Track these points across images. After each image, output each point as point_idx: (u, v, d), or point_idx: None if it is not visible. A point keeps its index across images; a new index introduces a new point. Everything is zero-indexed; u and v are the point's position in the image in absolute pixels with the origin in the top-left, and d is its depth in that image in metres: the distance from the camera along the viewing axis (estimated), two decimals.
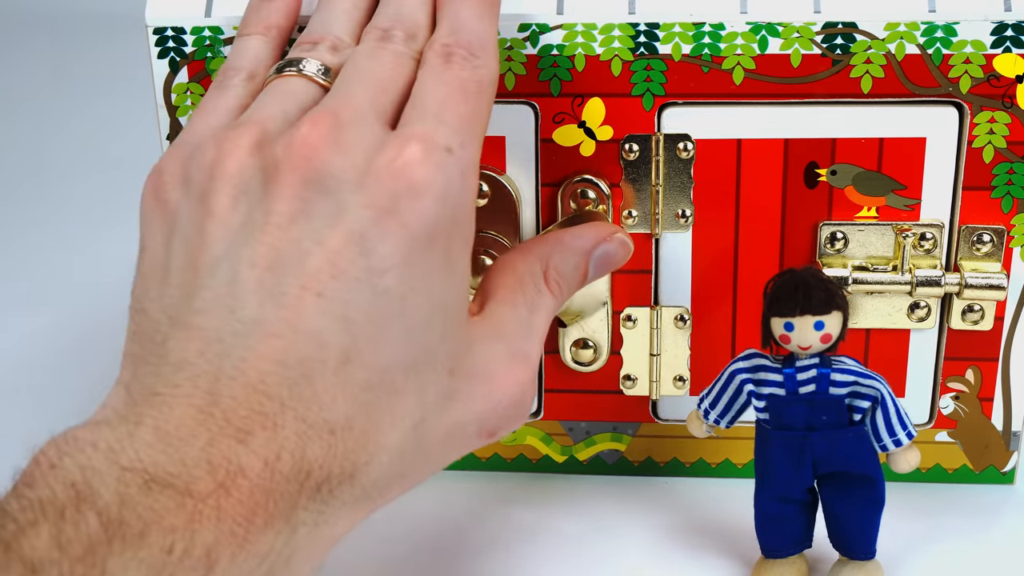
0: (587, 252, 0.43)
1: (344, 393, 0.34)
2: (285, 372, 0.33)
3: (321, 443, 0.33)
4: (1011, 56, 0.48)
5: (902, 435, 0.45)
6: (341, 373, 0.34)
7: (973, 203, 0.50)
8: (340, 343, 0.34)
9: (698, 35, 0.48)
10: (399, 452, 0.35)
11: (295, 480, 0.33)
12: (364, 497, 0.35)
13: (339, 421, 0.34)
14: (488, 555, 0.51)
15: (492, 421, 0.38)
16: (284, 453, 0.33)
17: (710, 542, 0.51)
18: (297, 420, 0.33)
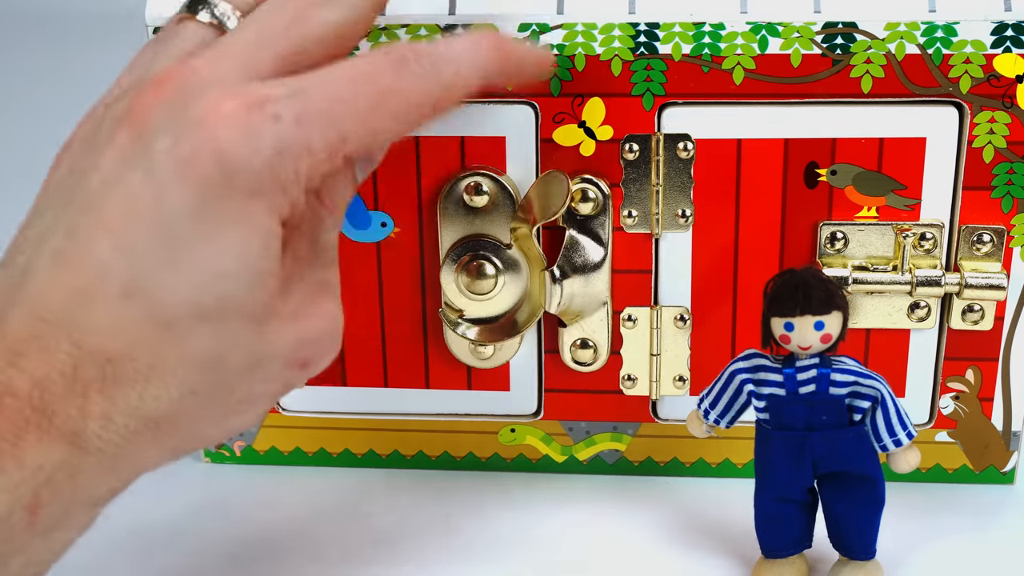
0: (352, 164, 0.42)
1: (123, 327, 0.35)
2: (66, 299, 0.35)
3: (97, 369, 0.34)
4: (1011, 56, 0.48)
5: (902, 435, 0.45)
6: (123, 306, 0.35)
7: (973, 203, 0.50)
8: (123, 277, 0.35)
9: (698, 35, 0.48)
10: (191, 388, 0.36)
11: (71, 402, 0.34)
12: (157, 430, 0.36)
13: (117, 352, 0.35)
14: (488, 555, 0.51)
15: (303, 353, 0.39)
16: (55, 374, 0.34)
17: (710, 542, 0.51)
18: (72, 345, 0.34)
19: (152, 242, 0.35)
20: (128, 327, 0.35)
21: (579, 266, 0.51)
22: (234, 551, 0.52)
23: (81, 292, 0.35)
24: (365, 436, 0.57)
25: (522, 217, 0.50)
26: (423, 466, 0.57)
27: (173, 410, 0.36)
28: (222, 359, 0.36)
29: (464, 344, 0.53)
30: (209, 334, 0.36)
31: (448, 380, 0.55)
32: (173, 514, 0.55)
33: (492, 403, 0.56)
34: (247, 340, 0.37)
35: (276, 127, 0.36)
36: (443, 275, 0.52)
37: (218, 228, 0.36)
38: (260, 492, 0.56)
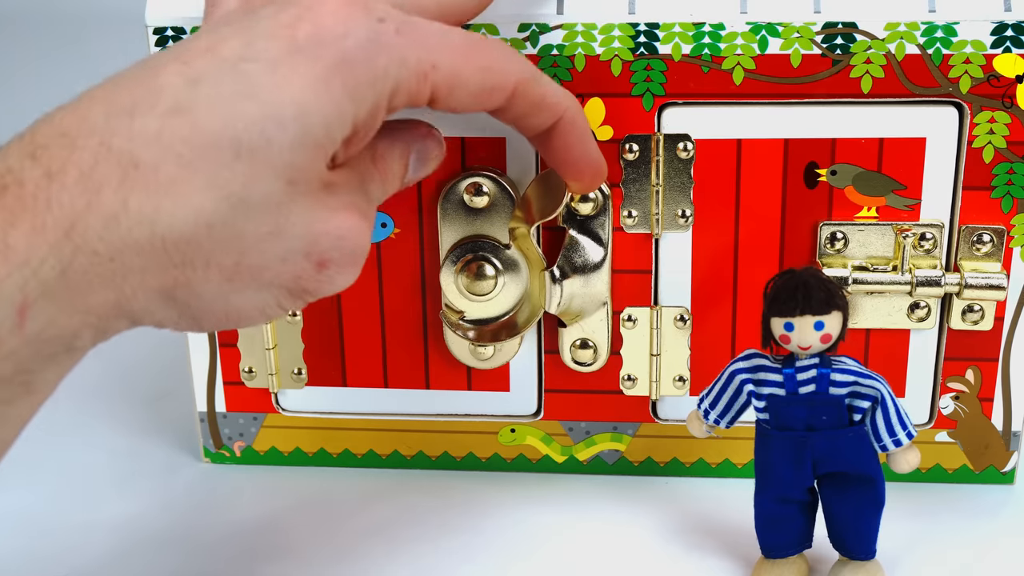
0: (409, 144, 0.44)
1: (161, 138, 0.34)
2: (109, 105, 0.35)
3: (119, 170, 0.34)
4: (1011, 56, 0.48)
5: (902, 435, 0.45)
6: (166, 121, 0.35)
7: (973, 203, 0.50)
8: (176, 96, 0.35)
9: (698, 35, 0.48)
10: (206, 219, 0.35)
11: (79, 196, 0.33)
12: (162, 252, 0.35)
13: (146, 159, 0.34)
14: (488, 555, 0.51)
15: (323, 245, 0.38)
16: (71, 167, 0.33)
17: (710, 542, 0.51)
18: (100, 145, 0.34)
19: (218, 76, 0.35)
20: (164, 140, 0.34)
21: (579, 266, 0.51)
22: (234, 551, 0.52)
23: (129, 104, 0.35)
24: (365, 436, 0.57)
25: (520, 217, 0.50)
26: (423, 466, 0.57)
27: (183, 234, 0.35)
28: (244, 202, 0.36)
29: (464, 345, 0.53)
30: (241, 172, 0.35)
31: (448, 380, 0.55)
32: (173, 514, 0.55)
33: (492, 403, 0.56)
34: (275, 197, 0.36)
35: (378, 25, 0.38)
36: (443, 276, 0.52)
37: (288, 80, 0.36)
38: (260, 492, 0.56)
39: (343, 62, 0.37)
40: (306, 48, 0.36)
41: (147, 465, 0.59)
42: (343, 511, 0.54)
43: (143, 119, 0.35)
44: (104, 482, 0.57)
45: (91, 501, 0.56)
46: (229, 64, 0.36)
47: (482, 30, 0.49)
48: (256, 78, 0.36)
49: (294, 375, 0.56)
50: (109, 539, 0.53)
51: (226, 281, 0.37)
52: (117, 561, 0.51)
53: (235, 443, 0.58)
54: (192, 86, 0.35)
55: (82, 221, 0.33)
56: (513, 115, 0.43)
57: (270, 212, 0.36)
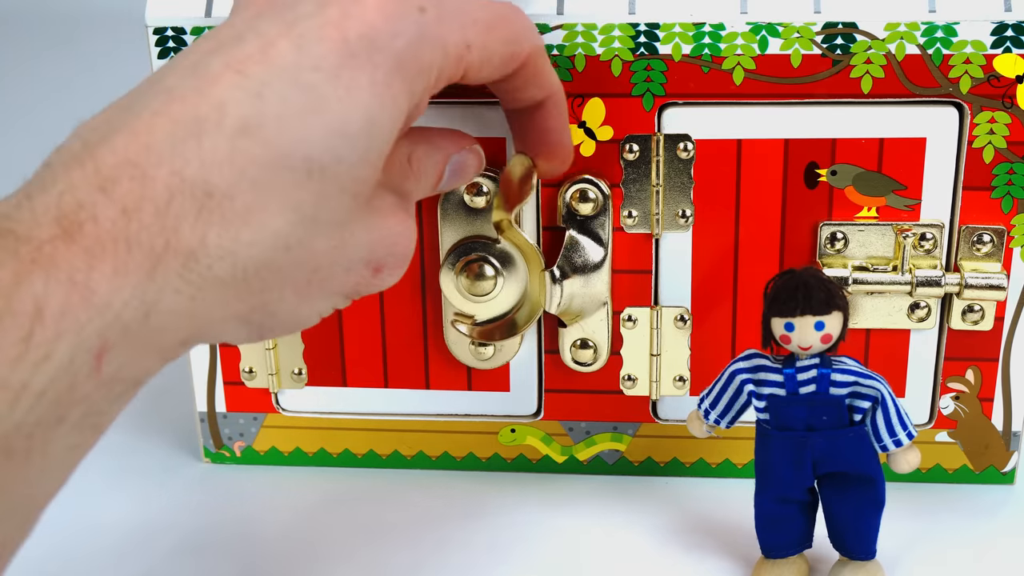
0: (447, 153, 0.44)
1: (233, 162, 0.33)
2: (175, 129, 0.33)
3: (194, 202, 0.33)
4: (1011, 56, 0.48)
5: (902, 435, 0.45)
6: (236, 142, 0.33)
7: (973, 203, 0.50)
8: (243, 114, 0.34)
9: (698, 35, 0.48)
10: (284, 242, 0.35)
11: (159, 235, 0.32)
12: (242, 280, 0.34)
13: (220, 187, 0.33)
14: (488, 555, 0.51)
15: (379, 252, 0.39)
16: (147, 203, 0.32)
17: (710, 542, 0.51)
18: (172, 175, 0.33)
19: (282, 88, 0.34)
20: (237, 163, 0.33)
21: (579, 266, 0.51)
22: (234, 551, 0.52)
23: (193, 123, 0.33)
24: (365, 436, 0.57)
25: (499, 207, 0.49)
26: (423, 466, 0.57)
27: (263, 261, 0.34)
28: (317, 221, 0.35)
29: (464, 345, 0.53)
30: (313, 191, 0.35)
31: (448, 381, 0.55)
32: (173, 514, 0.55)
33: (492, 403, 0.56)
34: (341, 211, 0.36)
35: (421, 17, 0.37)
36: (443, 276, 0.52)
37: (352, 91, 0.35)
38: (260, 492, 0.56)
39: (398, 65, 0.36)
40: (360, 52, 0.36)
41: (147, 465, 0.59)
42: (343, 511, 0.54)
43: (212, 141, 0.33)
44: (104, 482, 0.57)
45: (91, 501, 0.55)
46: (289, 74, 0.35)
47: None
48: (321, 90, 0.35)
49: (294, 375, 0.56)
50: (109, 539, 0.53)
51: (299, 297, 0.37)
52: (117, 561, 0.51)
53: (235, 443, 0.58)
54: (257, 100, 0.34)
55: (163, 262, 0.32)
56: (514, 84, 0.43)
57: (338, 227, 0.36)
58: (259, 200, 0.34)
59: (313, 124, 0.35)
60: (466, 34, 0.39)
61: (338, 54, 0.35)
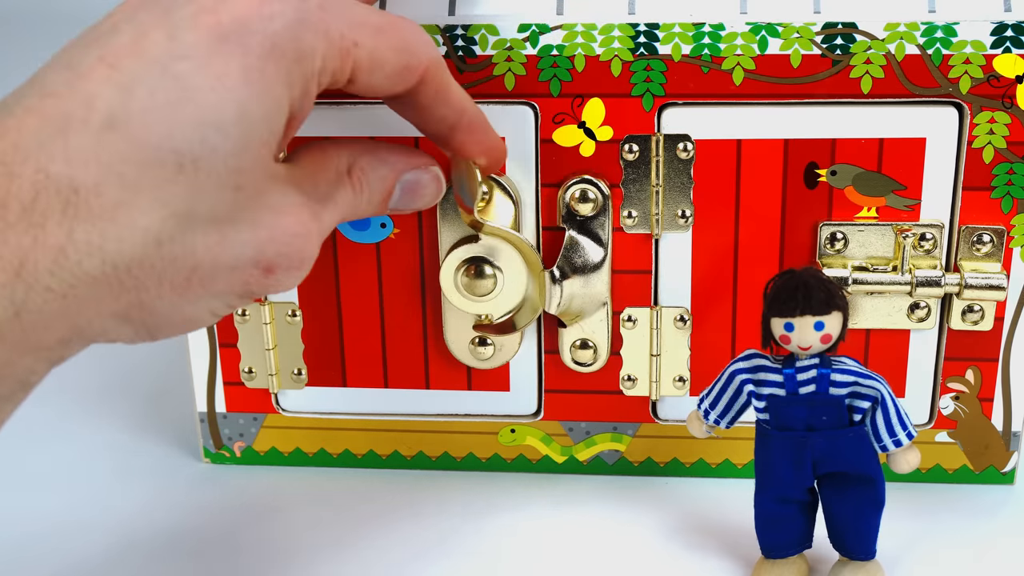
0: (398, 171, 0.43)
1: (99, 157, 0.33)
2: (42, 125, 0.33)
3: (60, 199, 0.33)
4: (1011, 56, 0.48)
5: (902, 435, 0.45)
6: (102, 138, 0.33)
7: (973, 203, 0.50)
8: (109, 108, 0.33)
9: (698, 35, 0.48)
10: (155, 238, 0.34)
11: (25, 232, 0.32)
12: (116, 280, 0.34)
13: (86, 183, 0.33)
14: (488, 555, 0.51)
15: (270, 252, 0.37)
16: (12, 201, 0.32)
17: (710, 542, 0.51)
18: (37, 171, 0.33)
19: (151, 79, 0.34)
20: (103, 159, 0.33)
21: (579, 266, 0.51)
22: (234, 551, 0.52)
23: (61, 119, 0.33)
24: (365, 436, 0.57)
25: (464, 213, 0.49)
26: (423, 466, 0.57)
27: (134, 258, 0.34)
28: (191, 216, 0.35)
29: (464, 345, 0.53)
30: (185, 184, 0.34)
31: (448, 380, 0.55)
32: (173, 514, 0.55)
33: (492, 403, 0.56)
34: (219, 205, 0.35)
35: (302, 4, 0.36)
36: (443, 276, 0.52)
37: (224, 79, 0.35)
38: (260, 492, 0.56)
39: (273, 48, 0.35)
40: (232, 36, 0.35)
41: (147, 465, 0.59)
42: (343, 512, 0.54)
43: (78, 137, 0.33)
44: (104, 482, 0.57)
45: (91, 501, 0.55)
46: (160, 65, 0.34)
47: (482, 31, 0.49)
48: (189, 79, 0.34)
49: (294, 375, 0.56)
50: (109, 539, 0.53)
51: (179, 295, 0.36)
52: (117, 561, 0.51)
53: (235, 443, 0.58)
54: (125, 94, 0.34)
55: (31, 259, 0.32)
56: (420, 103, 0.42)
57: (218, 222, 0.36)
58: (126, 195, 0.33)
59: (182, 116, 0.34)
60: (354, 31, 0.38)
61: (209, 41, 0.35)
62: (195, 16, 0.35)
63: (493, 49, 0.49)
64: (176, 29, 0.35)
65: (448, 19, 0.49)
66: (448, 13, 0.49)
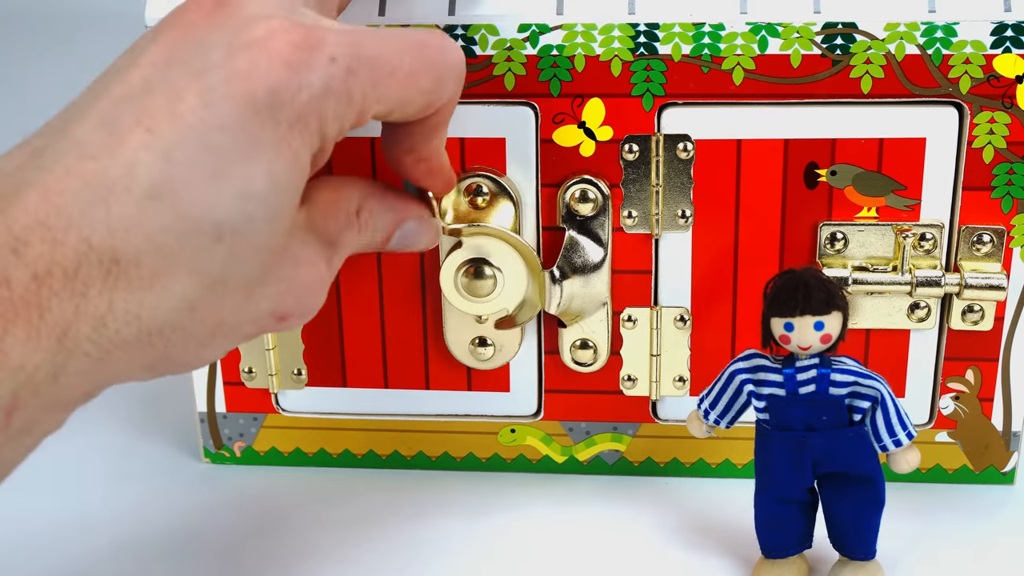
0: (400, 217, 0.44)
1: (141, 228, 0.34)
2: (85, 191, 0.33)
3: (101, 268, 0.33)
4: (1011, 56, 0.48)
5: (902, 435, 0.45)
6: (144, 208, 0.34)
7: (973, 203, 0.50)
8: (152, 178, 0.34)
9: (698, 35, 0.48)
10: (189, 304, 0.35)
11: (68, 300, 0.33)
12: (147, 341, 0.35)
13: (127, 254, 0.34)
14: (488, 555, 0.51)
15: (288, 303, 0.39)
16: (56, 269, 0.33)
17: (710, 542, 0.51)
18: (80, 240, 0.33)
19: (191, 148, 0.34)
20: (144, 229, 0.34)
21: (579, 266, 0.51)
22: (234, 551, 0.52)
23: (103, 185, 0.34)
24: (365, 436, 0.57)
25: None
26: (423, 466, 0.57)
27: (168, 322, 0.35)
28: (225, 282, 0.36)
29: (464, 345, 0.53)
30: (223, 253, 0.35)
31: (448, 381, 0.55)
32: (173, 514, 0.55)
33: (492, 404, 0.56)
34: (252, 269, 0.37)
35: (330, 69, 0.37)
36: (442, 277, 0.52)
37: (256, 149, 0.35)
38: (260, 492, 0.56)
39: (299, 119, 0.36)
40: (264, 109, 0.35)
41: (147, 465, 0.59)
42: (343, 512, 0.54)
43: (120, 207, 0.34)
44: (104, 482, 0.57)
45: (90, 501, 0.56)
46: (198, 134, 0.35)
47: (482, 31, 0.49)
48: (227, 151, 0.35)
49: (294, 375, 0.56)
50: (108, 539, 0.53)
51: (202, 347, 0.37)
52: (116, 561, 0.51)
53: (235, 443, 0.58)
54: (166, 164, 0.34)
55: (73, 327, 0.33)
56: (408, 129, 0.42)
57: (246, 285, 0.37)
58: (165, 265, 0.34)
59: (222, 188, 0.35)
60: (379, 90, 0.38)
61: (244, 112, 0.35)
62: (229, 82, 0.35)
63: (493, 49, 0.49)
64: (211, 94, 0.35)
65: (448, 19, 0.49)
66: (448, 13, 0.49)
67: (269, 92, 0.35)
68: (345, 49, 0.37)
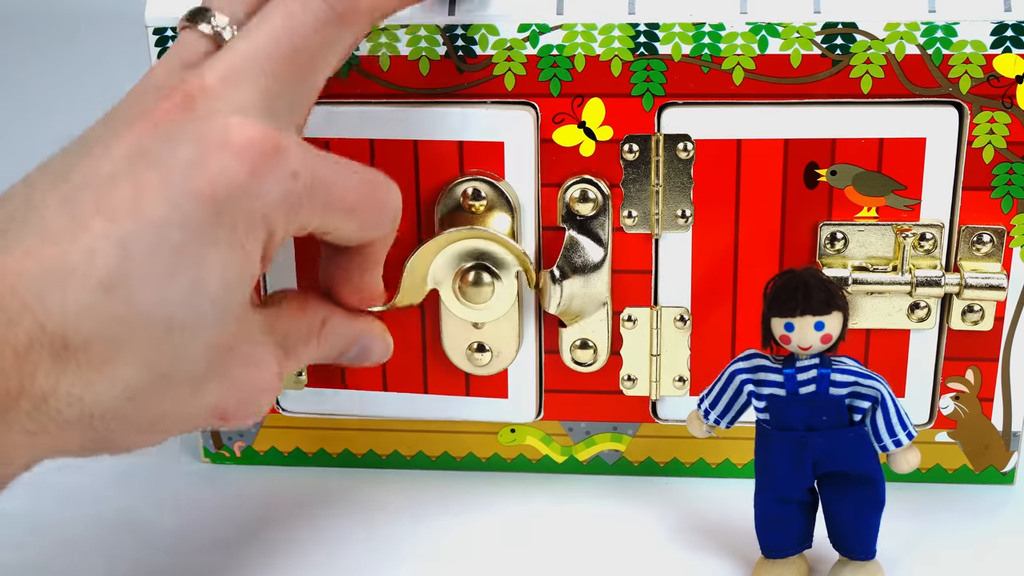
0: (359, 333, 0.46)
1: (93, 317, 0.34)
2: (42, 273, 0.34)
3: (51, 352, 0.34)
4: (1011, 56, 0.48)
5: (902, 435, 0.45)
6: (99, 297, 0.34)
7: (973, 203, 0.50)
8: (108, 267, 0.35)
9: (698, 35, 0.48)
10: (133, 393, 0.36)
11: (15, 378, 0.34)
12: (88, 423, 0.36)
13: (77, 339, 0.34)
14: (488, 555, 0.51)
15: (230, 401, 0.40)
16: (7, 349, 0.33)
17: (710, 542, 0.51)
18: (34, 323, 0.34)
19: (150, 243, 0.35)
20: (97, 318, 0.34)
21: (579, 266, 0.51)
22: (234, 551, 0.52)
23: (60, 271, 0.34)
24: (365, 436, 0.57)
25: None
26: (423, 466, 0.57)
27: (110, 409, 0.36)
28: (170, 375, 0.37)
29: (462, 350, 0.53)
30: (171, 347, 0.36)
31: (446, 386, 0.55)
32: (172, 514, 0.55)
33: (491, 410, 0.55)
34: (197, 366, 0.37)
35: (290, 183, 0.38)
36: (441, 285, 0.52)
37: (211, 248, 0.36)
38: (260, 492, 0.56)
39: (255, 225, 0.37)
40: (226, 212, 0.37)
41: (146, 465, 0.59)
42: (343, 512, 0.54)
43: (76, 293, 0.34)
44: (103, 482, 0.57)
45: (90, 501, 0.55)
46: (156, 230, 0.35)
47: (482, 30, 0.49)
48: (184, 249, 0.36)
49: (295, 376, 0.56)
50: (108, 539, 0.53)
51: (140, 435, 0.38)
52: (116, 561, 0.51)
53: (235, 443, 0.58)
54: (123, 256, 0.35)
55: (15, 406, 0.34)
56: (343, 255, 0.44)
57: (190, 380, 0.37)
58: (113, 353, 0.35)
59: (176, 284, 0.36)
60: (325, 211, 0.40)
61: (205, 214, 0.36)
62: (194, 181, 0.36)
63: (493, 49, 0.49)
64: (174, 191, 0.36)
65: (448, 19, 0.49)
66: (448, 13, 0.49)
67: (230, 196, 0.37)
68: (306, 167, 0.39)
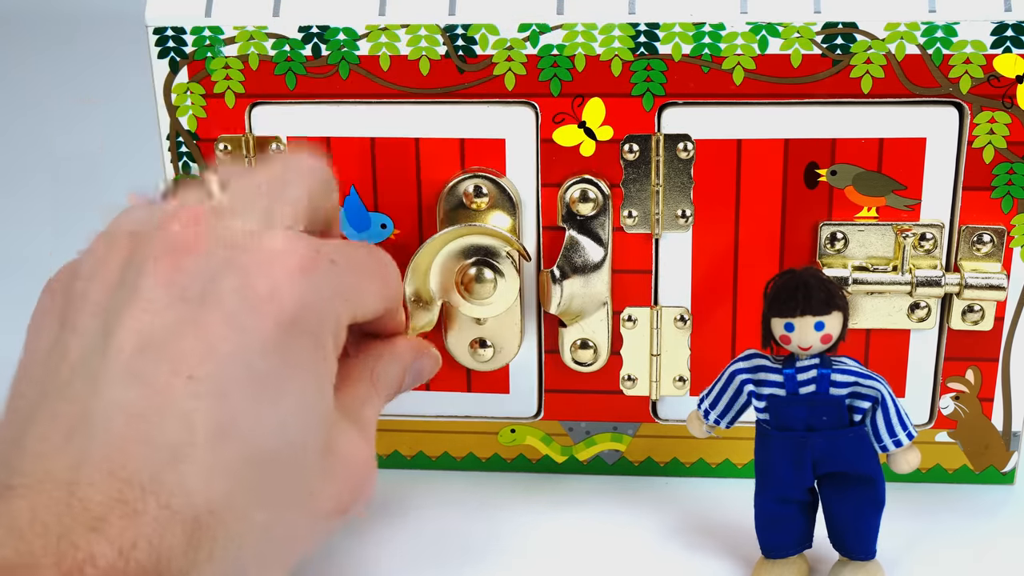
0: (405, 362, 0.45)
1: (221, 471, 0.33)
2: (150, 455, 0.32)
3: (184, 530, 0.32)
4: (1011, 56, 0.48)
5: (902, 435, 0.45)
6: (217, 450, 0.33)
7: (973, 203, 0.50)
8: (215, 420, 0.33)
9: (698, 35, 0.48)
10: (265, 531, 0.35)
11: (153, 569, 0.32)
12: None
13: (203, 506, 0.33)
14: (487, 555, 0.51)
15: (346, 497, 0.38)
16: (141, 541, 0.32)
17: (710, 542, 0.51)
18: (160, 507, 0.32)
19: (240, 382, 0.34)
20: (221, 476, 0.33)
21: (579, 266, 0.51)
22: None
23: (167, 447, 0.33)
24: None
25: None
26: (423, 466, 0.57)
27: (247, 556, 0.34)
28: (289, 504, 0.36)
29: (464, 346, 0.53)
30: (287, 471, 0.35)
31: (448, 382, 0.55)
32: None
33: (492, 405, 0.55)
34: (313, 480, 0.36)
35: (334, 270, 0.37)
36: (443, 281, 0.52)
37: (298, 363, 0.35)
38: None
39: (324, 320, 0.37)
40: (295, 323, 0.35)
41: None
42: None
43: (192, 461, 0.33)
44: None
45: None
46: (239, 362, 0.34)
47: (482, 30, 0.49)
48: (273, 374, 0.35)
49: None
50: None
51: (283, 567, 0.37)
52: None
53: None
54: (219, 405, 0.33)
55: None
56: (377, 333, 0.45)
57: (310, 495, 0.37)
58: (248, 498, 0.34)
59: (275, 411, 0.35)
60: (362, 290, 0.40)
61: (276, 330, 0.35)
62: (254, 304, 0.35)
63: (493, 49, 0.49)
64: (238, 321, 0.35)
65: (448, 19, 0.49)
66: (448, 13, 0.49)
67: (296, 306, 0.36)
68: (333, 251, 0.38)
